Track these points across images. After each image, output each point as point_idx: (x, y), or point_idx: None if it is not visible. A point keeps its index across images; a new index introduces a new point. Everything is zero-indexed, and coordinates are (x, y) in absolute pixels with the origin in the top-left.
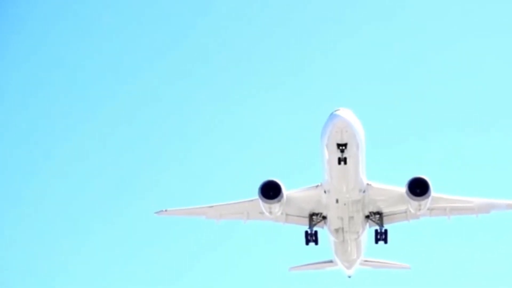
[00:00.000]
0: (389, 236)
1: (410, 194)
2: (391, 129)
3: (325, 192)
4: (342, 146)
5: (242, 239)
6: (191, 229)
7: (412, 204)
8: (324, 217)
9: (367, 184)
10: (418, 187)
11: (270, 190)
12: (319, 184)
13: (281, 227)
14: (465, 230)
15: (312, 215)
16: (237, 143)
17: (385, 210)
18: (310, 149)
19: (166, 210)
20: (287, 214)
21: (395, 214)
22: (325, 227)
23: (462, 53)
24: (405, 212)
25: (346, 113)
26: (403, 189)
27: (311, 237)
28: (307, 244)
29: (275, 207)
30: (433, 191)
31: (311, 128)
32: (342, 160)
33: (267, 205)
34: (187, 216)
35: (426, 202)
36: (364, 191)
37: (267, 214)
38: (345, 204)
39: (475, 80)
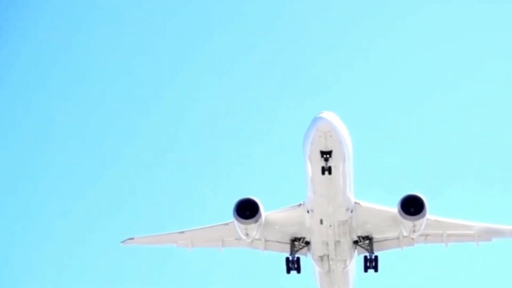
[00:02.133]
0: (380, 264)
1: (403, 213)
2: (382, 140)
3: (308, 212)
4: (326, 154)
5: (216, 268)
6: (161, 259)
7: (405, 225)
8: (308, 243)
9: (355, 203)
10: (412, 206)
11: (247, 210)
12: (302, 202)
13: (259, 254)
14: (464, 258)
15: (294, 241)
16: (212, 163)
17: (375, 235)
18: (293, 167)
19: (132, 239)
20: (266, 240)
21: (387, 240)
22: (309, 255)
23: (459, 53)
24: (398, 238)
25: (330, 116)
26: (395, 209)
27: (293, 265)
28: (288, 273)
29: (252, 228)
30: (429, 213)
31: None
32: (326, 170)
33: (243, 226)
34: (156, 244)
35: (421, 223)
36: (351, 211)
37: (243, 237)
38: (330, 226)
39: (472, 78)
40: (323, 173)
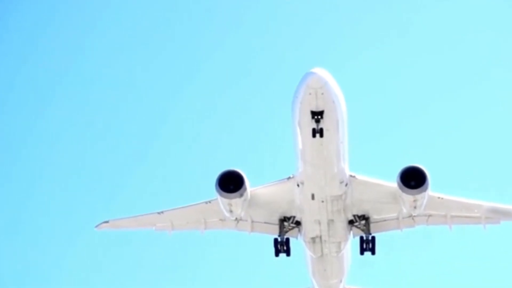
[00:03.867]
0: (378, 246)
1: (403, 186)
2: (379, 117)
3: (298, 185)
4: (317, 115)
5: (199, 251)
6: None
7: (405, 200)
8: (298, 223)
9: (350, 176)
10: (413, 179)
11: (230, 183)
12: (291, 176)
13: (245, 236)
14: (469, 242)
15: (283, 221)
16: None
17: (372, 214)
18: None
19: (107, 222)
20: (252, 221)
21: (385, 220)
22: (300, 237)
23: (458, 51)
24: (397, 218)
25: (322, 72)
26: (393, 184)
27: (282, 247)
28: (277, 255)
29: (237, 204)
30: (431, 189)
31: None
32: (317, 132)
33: (226, 201)
34: (133, 228)
35: (422, 197)
36: (346, 184)
37: (227, 214)
38: (323, 202)
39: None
40: (313, 135)
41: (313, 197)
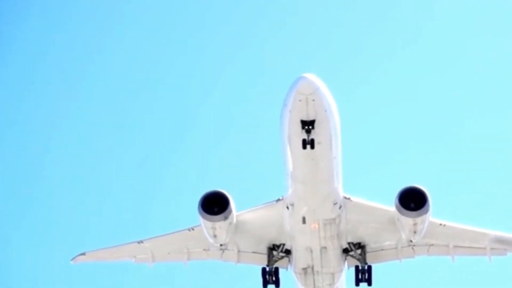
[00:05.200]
0: (374, 276)
1: (401, 209)
2: (374, 135)
3: (288, 208)
4: (308, 125)
5: (183, 282)
6: (120, 275)
7: (404, 223)
8: (288, 251)
9: (345, 197)
10: (413, 201)
11: (215, 205)
12: (280, 198)
13: (231, 266)
14: (473, 274)
15: (271, 249)
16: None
17: (369, 241)
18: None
19: (84, 254)
20: (239, 251)
21: (383, 249)
22: (290, 268)
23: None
24: (396, 247)
25: (313, 77)
26: (391, 208)
27: (270, 277)
28: (265, 287)
29: (221, 227)
30: (432, 214)
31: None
32: (308, 143)
33: (210, 224)
34: (112, 260)
35: (423, 221)
36: (340, 207)
37: (211, 240)
38: (315, 226)
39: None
40: (304, 146)
41: (304, 220)
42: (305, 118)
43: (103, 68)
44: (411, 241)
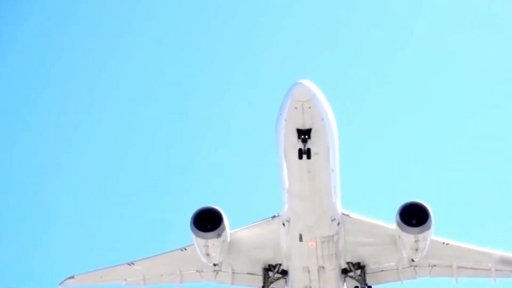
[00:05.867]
0: None
1: (402, 224)
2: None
3: (284, 224)
4: (304, 135)
5: None
6: None
7: (406, 241)
8: (284, 272)
9: (343, 214)
10: (414, 217)
11: (208, 222)
12: (276, 214)
13: None
14: None
15: (267, 270)
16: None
17: (369, 262)
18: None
19: (73, 277)
20: (233, 272)
21: (383, 270)
22: None
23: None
24: (397, 268)
25: (310, 84)
26: (392, 226)
27: None
28: None
29: (214, 245)
30: (434, 233)
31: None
32: (304, 153)
33: (202, 242)
34: (102, 283)
35: (425, 238)
36: (338, 223)
37: (204, 260)
38: (312, 244)
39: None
40: (300, 156)
41: (301, 238)
42: (301, 127)
43: (102, 67)
44: (412, 260)
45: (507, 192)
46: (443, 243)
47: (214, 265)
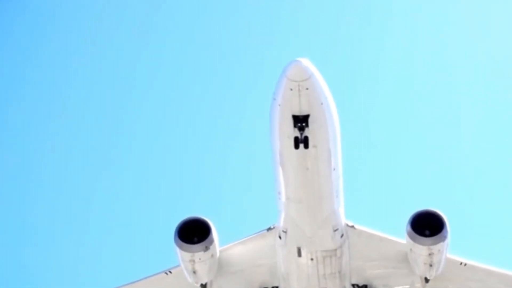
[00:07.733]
0: None
1: (414, 235)
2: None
3: (280, 237)
4: (300, 122)
5: None
6: None
7: (418, 254)
8: None
9: (347, 225)
10: (427, 228)
11: (194, 234)
12: (272, 226)
13: None
14: None
15: None
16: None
17: (377, 284)
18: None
19: None
20: None
21: None
22: None
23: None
24: None
25: (308, 63)
26: (402, 240)
27: None
28: None
29: (201, 259)
30: (450, 249)
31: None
32: (301, 142)
33: (188, 256)
34: None
35: (440, 251)
36: (342, 235)
37: (190, 280)
38: (312, 259)
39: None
40: (296, 146)
41: (299, 252)
42: (297, 113)
43: (101, 67)
44: (426, 280)
45: None
46: (461, 263)
47: (202, 286)
